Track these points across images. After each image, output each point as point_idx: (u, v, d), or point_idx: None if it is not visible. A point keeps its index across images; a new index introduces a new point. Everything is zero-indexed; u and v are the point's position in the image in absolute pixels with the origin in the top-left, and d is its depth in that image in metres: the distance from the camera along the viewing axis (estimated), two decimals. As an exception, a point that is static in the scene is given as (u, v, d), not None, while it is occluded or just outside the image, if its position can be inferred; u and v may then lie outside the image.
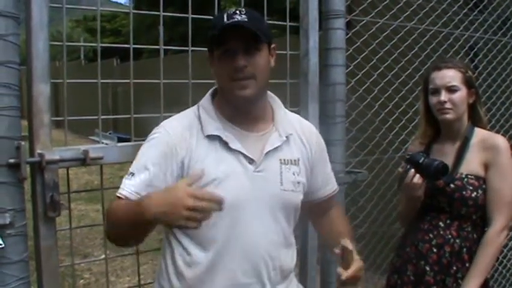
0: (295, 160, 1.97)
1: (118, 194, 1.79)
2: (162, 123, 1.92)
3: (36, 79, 1.99)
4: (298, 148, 2.00)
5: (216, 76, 1.90)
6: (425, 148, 2.59)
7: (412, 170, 2.42)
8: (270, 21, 2.61)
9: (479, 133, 2.51)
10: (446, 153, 2.51)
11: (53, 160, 2.01)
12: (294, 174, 1.95)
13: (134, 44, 2.31)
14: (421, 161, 2.42)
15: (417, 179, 2.41)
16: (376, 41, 3.21)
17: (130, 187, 1.78)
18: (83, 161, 2.08)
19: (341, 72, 2.82)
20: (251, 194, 1.86)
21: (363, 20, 3.09)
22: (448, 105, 2.46)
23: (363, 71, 3.13)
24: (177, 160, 1.82)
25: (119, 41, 22.78)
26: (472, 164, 2.47)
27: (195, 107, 1.96)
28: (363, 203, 3.36)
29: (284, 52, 2.69)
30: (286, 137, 1.95)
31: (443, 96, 2.45)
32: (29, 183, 2.04)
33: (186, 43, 2.43)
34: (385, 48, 3.31)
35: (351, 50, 2.98)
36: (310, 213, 2.20)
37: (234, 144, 1.85)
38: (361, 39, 3.11)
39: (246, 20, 1.78)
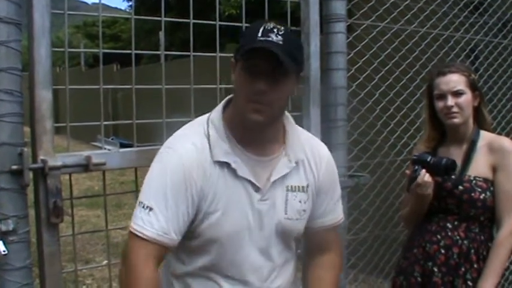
0: (303, 187, 1.86)
1: (137, 233, 1.69)
2: (173, 142, 1.79)
3: (39, 85, 1.98)
4: (307, 174, 1.88)
5: (235, 86, 1.74)
6: (431, 152, 2.59)
7: (424, 170, 2.45)
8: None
9: (485, 136, 2.53)
10: (453, 157, 2.50)
11: (56, 166, 2.00)
12: (300, 202, 1.85)
13: (134, 49, 2.31)
14: (429, 159, 2.46)
15: (427, 177, 2.44)
16: (377, 45, 3.21)
17: (153, 225, 1.68)
18: (86, 167, 2.08)
19: (342, 76, 2.82)
20: (253, 223, 1.79)
21: (364, 24, 3.09)
22: (455, 110, 2.47)
23: (364, 74, 3.13)
24: (196, 189, 1.72)
25: (119, 46, 22.84)
26: (479, 167, 2.49)
27: (205, 120, 1.82)
28: (365, 206, 3.36)
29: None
30: (296, 162, 1.84)
31: (450, 101, 2.46)
32: (32, 190, 2.03)
33: (186, 48, 2.43)
34: (386, 52, 3.32)
35: (352, 54, 2.98)
36: (304, 243, 2.12)
37: (242, 172, 1.75)
38: (362, 43, 3.11)
39: (280, 42, 1.63)
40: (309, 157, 1.89)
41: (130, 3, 25.46)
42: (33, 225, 2.05)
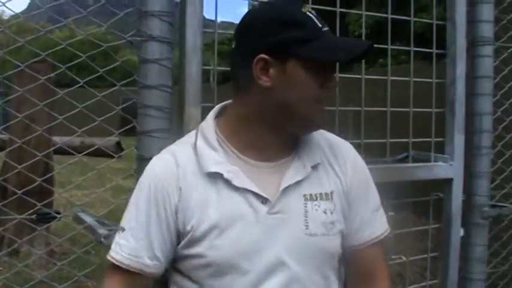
0: (326, 194, 1.54)
1: (109, 257, 1.55)
2: (155, 157, 1.61)
3: (189, 103, 2.03)
4: (331, 179, 1.57)
5: (291, 94, 1.45)
6: None
7: None
8: (416, 48, 2.57)
9: None
10: None
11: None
12: (325, 212, 1.52)
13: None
14: None
15: None
16: (525, 69, 3.07)
17: (123, 248, 1.53)
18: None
19: (488, 101, 2.72)
20: (264, 243, 1.47)
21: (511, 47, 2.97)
22: None
23: (510, 100, 3.00)
24: (173, 207, 1.50)
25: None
26: None
27: (192, 134, 1.62)
28: (506, 238, 3.19)
29: (430, 80, 2.62)
30: (313, 166, 1.55)
31: None
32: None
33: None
34: (534, 77, 3.15)
35: (498, 79, 2.86)
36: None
37: (240, 181, 1.48)
38: (509, 67, 2.98)
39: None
40: (329, 157, 1.60)
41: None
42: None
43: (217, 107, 1.65)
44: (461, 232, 2.69)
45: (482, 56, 2.69)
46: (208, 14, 2.17)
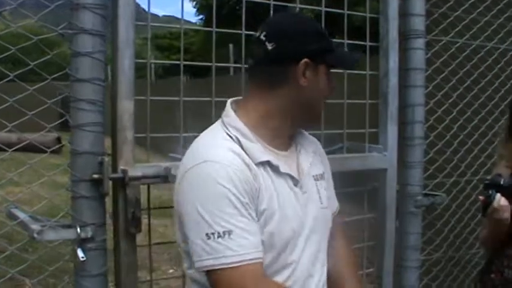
0: (321, 174, 1.84)
1: (237, 264, 1.48)
2: (205, 154, 1.57)
3: (121, 96, 2.02)
4: (319, 162, 1.87)
5: (314, 90, 1.69)
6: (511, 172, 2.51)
7: (498, 194, 2.33)
8: (351, 41, 2.60)
9: None
10: None
11: (136, 177, 2.02)
12: (325, 189, 1.83)
13: (202, 61, 2.32)
14: (502, 182, 2.35)
15: (503, 201, 2.32)
16: (456, 62, 3.15)
17: (246, 247, 1.50)
18: (165, 178, 2.08)
19: (420, 93, 2.78)
20: (304, 219, 1.70)
21: (443, 40, 3.04)
22: None
23: (442, 92, 3.08)
24: (253, 194, 1.56)
25: (188, 58, 23.15)
26: None
27: (220, 128, 1.68)
28: (439, 226, 3.28)
29: (364, 72, 2.67)
30: (313, 152, 1.83)
31: None
32: (110, 199, 2.06)
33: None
34: (465, 69, 3.24)
35: (429, 71, 2.93)
36: None
37: (283, 167, 1.67)
38: (441, 60, 3.06)
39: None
40: (313, 146, 1.88)
41: (201, 16, 25.84)
42: (110, 234, 2.08)
43: (230, 102, 1.76)
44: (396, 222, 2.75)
45: (414, 48, 2.75)
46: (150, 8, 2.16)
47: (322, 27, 1.77)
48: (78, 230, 1.92)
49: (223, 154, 1.56)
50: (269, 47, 1.66)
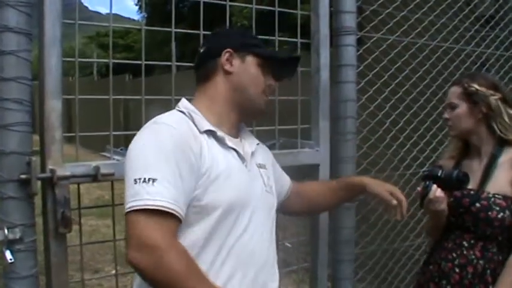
0: (265, 165, 2.02)
1: (148, 207, 1.55)
2: (162, 120, 1.77)
3: (49, 95, 1.99)
4: (263, 155, 2.07)
5: (246, 76, 1.93)
6: (455, 164, 2.57)
7: (435, 185, 2.37)
8: (282, 38, 2.63)
9: (509, 151, 2.43)
10: (474, 171, 2.46)
11: (64, 176, 1.99)
12: (268, 177, 2.00)
13: (146, 60, 2.31)
14: (439, 174, 2.39)
15: (439, 192, 2.36)
16: (387, 58, 3.21)
17: (164, 195, 1.57)
18: (94, 177, 2.07)
19: (352, 88, 2.81)
20: (251, 190, 1.85)
21: (374, 37, 3.09)
22: (449, 123, 2.49)
23: (374, 87, 3.13)
24: (196, 156, 1.69)
25: (131, 56, 22.94)
26: (500, 183, 2.39)
27: (175, 110, 1.88)
28: (373, 220, 3.34)
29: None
30: (256, 145, 2.03)
31: (446, 113, 2.50)
32: (40, 199, 2.04)
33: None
34: (396, 65, 3.31)
35: (361, 67, 2.98)
36: (299, 208, 2.31)
37: (230, 143, 1.86)
38: (372, 56, 3.11)
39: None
40: (255, 141, 2.06)
41: (143, 14, 25.61)
42: (40, 234, 2.06)
43: (184, 98, 1.95)
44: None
45: (345, 45, 2.78)
46: (92, 6, 2.14)
47: (252, 32, 2.11)
48: (6, 231, 1.90)
49: (174, 120, 1.77)
50: (201, 50, 1.99)
